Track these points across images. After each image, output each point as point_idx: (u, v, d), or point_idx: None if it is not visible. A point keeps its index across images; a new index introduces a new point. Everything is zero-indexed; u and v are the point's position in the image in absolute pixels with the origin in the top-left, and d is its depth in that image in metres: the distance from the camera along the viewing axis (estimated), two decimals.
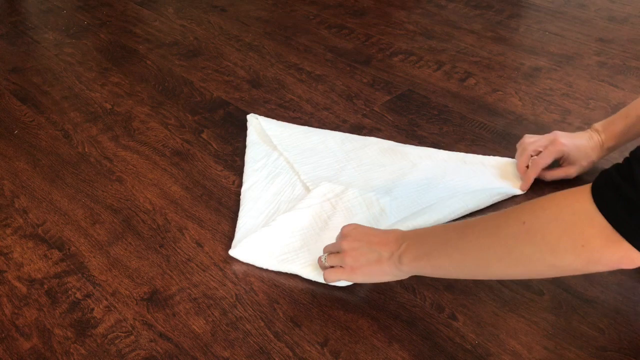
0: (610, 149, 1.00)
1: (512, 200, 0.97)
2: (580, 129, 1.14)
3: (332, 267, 0.80)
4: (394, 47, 1.46)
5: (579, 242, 0.57)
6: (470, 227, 0.70)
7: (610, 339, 0.76)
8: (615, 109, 1.20)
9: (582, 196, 0.58)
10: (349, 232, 0.80)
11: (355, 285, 0.83)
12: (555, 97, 1.25)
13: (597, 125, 1.00)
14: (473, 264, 0.69)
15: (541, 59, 1.39)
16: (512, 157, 1.06)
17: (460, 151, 1.08)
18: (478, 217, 0.70)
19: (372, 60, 1.40)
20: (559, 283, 0.83)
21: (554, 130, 1.02)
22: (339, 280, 0.80)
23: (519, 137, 1.12)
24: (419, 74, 1.34)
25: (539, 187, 0.99)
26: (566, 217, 0.59)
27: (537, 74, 1.33)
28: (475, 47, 1.45)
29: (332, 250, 0.82)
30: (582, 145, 0.99)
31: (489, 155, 1.07)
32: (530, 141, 1.01)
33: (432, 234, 0.75)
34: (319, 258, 0.82)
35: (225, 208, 0.97)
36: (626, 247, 0.55)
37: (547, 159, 0.98)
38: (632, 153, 0.57)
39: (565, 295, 0.82)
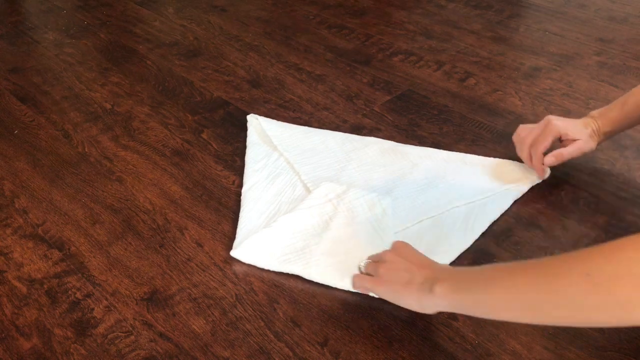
0: (607, 135, 0.99)
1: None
2: None
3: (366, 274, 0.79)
4: (394, 47, 1.46)
5: None
6: (522, 269, 0.64)
7: (610, 339, 0.76)
8: None
9: None
10: (397, 247, 0.78)
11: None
12: (555, 97, 1.25)
13: (594, 112, 1.00)
14: (522, 306, 0.63)
15: (541, 59, 1.39)
16: (512, 156, 1.06)
17: (460, 151, 1.08)
18: (531, 260, 0.64)
19: (372, 60, 1.40)
20: None
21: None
22: (364, 288, 0.79)
23: None
24: (419, 74, 1.34)
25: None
26: (637, 272, 0.54)
27: (537, 74, 1.33)
28: (475, 47, 1.45)
29: (374, 259, 0.80)
30: (577, 123, 0.99)
31: (489, 155, 1.07)
32: (525, 133, 1.01)
33: (477, 270, 0.69)
34: (360, 263, 0.81)
35: (225, 208, 0.97)
36: None
37: (545, 142, 0.97)
38: None
39: None
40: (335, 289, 0.82)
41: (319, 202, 0.93)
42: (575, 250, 0.59)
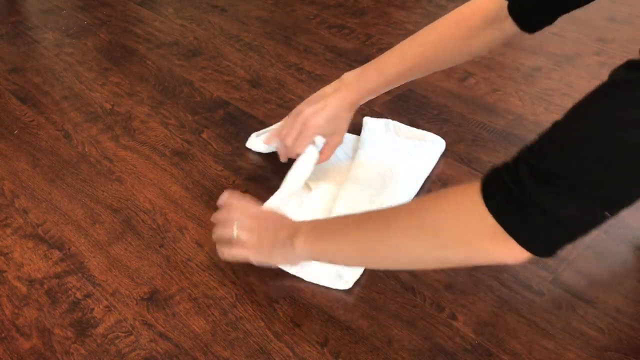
0: (359, 105, 1.00)
1: None
2: None
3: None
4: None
5: (467, 238, 0.61)
6: (367, 215, 0.72)
7: (610, 339, 0.76)
8: None
9: (473, 193, 0.60)
10: (241, 204, 0.84)
11: (355, 285, 0.83)
12: (555, 97, 1.25)
13: (349, 78, 0.99)
14: (369, 244, 0.70)
15: (541, 59, 1.39)
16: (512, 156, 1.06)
17: (460, 151, 1.08)
18: (378, 209, 0.72)
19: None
20: (559, 283, 0.83)
21: None
22: (234, 257, 0.81)
23: (519, 137, 1.12)
24: None
25: None
26: (457, 214, 0.62)
27: (537, 74, 1.33)
28: None
29: (221, 221, 0.83)
30: (336, 122, 0.98)
31: (489, 155, 1.07)
32: (287, 130, 0.98)
33: (330, 221, 0.78)
34: (225, 229, 0.82)
35: None
36: (511, 245, 0.57)
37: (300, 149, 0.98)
38: (519, 153, 0.59)
39: (565, 295, 0.82)
40: (335, 289, 0.83)
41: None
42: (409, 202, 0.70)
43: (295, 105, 1.01)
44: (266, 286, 0.84)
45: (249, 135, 1.13)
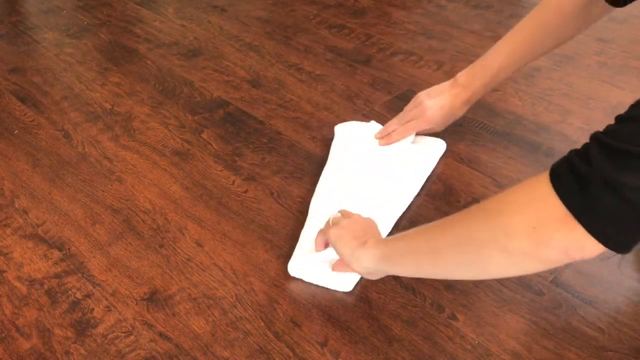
0: (473, 102, 1.08)
1: None
2: (580, 129, 1.15)
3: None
4: (394, 47, 1.46)
5: (532, 223, 0.56)
6: (439, 221, 0.70)
7: (610, 339, 0.76)
8: (615, 109, 1.20)
9: (541, 179, 0.57)
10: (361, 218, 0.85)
11: (355, 285, 0.83)
12: (555, 97, 1.25)
13: (462, 79, 1.06)
14: (437, 249, 0.68)
15: (541, 59, 1.38)
16: (512, 156, 1.06)
17: (460, 151, 1.08)
18: (445, 219, 0.69)
19: (372, 60, 1.40)
20: (559, 283, 0.83)
21: (553, 130, 1.02)
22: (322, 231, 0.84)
23: (519, 137, 1.12)
24: (419, 74, 1.34)
25: None
26: (522, 199, 0.58)
27: (537, 74, 1.33)
28: (475, 47, 1.45)
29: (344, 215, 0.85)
30: (447, 119, 1.08)
31: (489, 155, 1.07)
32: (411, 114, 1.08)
33: (402, 236, 0.75)
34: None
35: (225, 208, 0.97)
36: (579, 232, 0.53)
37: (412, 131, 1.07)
38: (591, 136, 0.56)
39: (565, 295, 0.82)
40: (335, 290, 0.83)
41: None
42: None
43: (295, 105, 1.01)
44: (266, 286, 0.84)
45: (249, 135, 1.13)
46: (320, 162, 1.06)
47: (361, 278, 0.83)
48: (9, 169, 1.06)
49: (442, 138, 1.11)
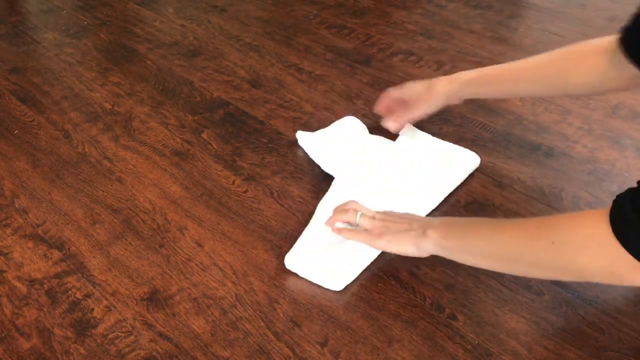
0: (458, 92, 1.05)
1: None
2: (580, 129, 1.15)
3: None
4: (394, 47, 1.46)
5: (608, 270, 0.64)
6: (501, 228, 0.75)
7: (610, 339, 0.76)
8: (615, 109, 1.20)
9: (603, 227, 0.62)
10: (383, 212, 0.87)
11: (355, 285, 0.83)
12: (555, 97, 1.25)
13: (465, 77, 1.04)
14: (502, 259, 0.75)
15: None
16: (512, 156, 1.06)
17: None
18: (510, 221, 0.77)
19: (372, 60, 1.40)
20: (559, 283, 0.83)
21: (553, 130, 1.02)
22: (358, 240, 0.85)
23: (519, 137, 1.12)
24: (419, 74, 1.34)
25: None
26: (594, 248, 0.64)
27: None
28: (475, 47, 1.45)
29: (368, 215, 0.86)
30: (430, 88, 1.07)
31: (490, 155, 1.07)
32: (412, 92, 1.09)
33: (466, 222, 0.81)
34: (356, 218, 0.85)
35: (225, 208, 0.97)
36: None
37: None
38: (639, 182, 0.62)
39: (565, 295, 0.82)
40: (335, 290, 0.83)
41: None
42: (546, 217, 0.72)
43: (295, 105, 1.01)
44: (266, 286, 0.84)
45: (249, 135, 1.13)
46: (315, 161, 1.06)
47: (354, 279, 0.83)
48: (9, 169, 1.06)
49: (442, 139, 1.11)
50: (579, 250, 0.66)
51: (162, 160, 1.08)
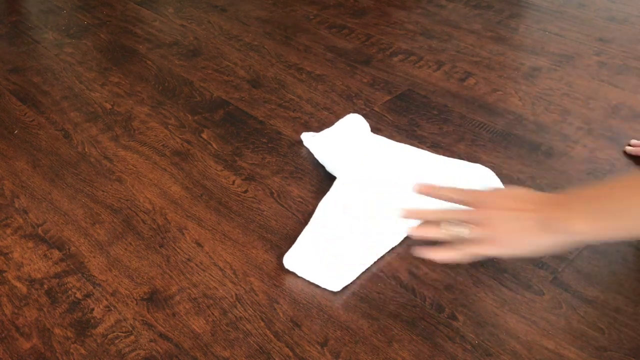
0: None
1: None
2: (580, 129, 1.15)
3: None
4: (394, 47, 1.46)
5: None
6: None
7: (610, 339, 0.76)
8: (615, 109, 1.20)
9: None
10: (487, 200, 0.70)
11: (355, 285, 0.83)
12: (555, 97, 1.25)
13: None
14: None
15: (541, 59, 1.39)
16: (512, 156, 1.06)
17: (460, 151, 1.08)
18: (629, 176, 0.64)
19: (372, 60, 1.40)
20: (559, 283, 0.83)
21: (553, 130, 1.02)
22: (473, 255, 0.71)
23: (518, 137, 1.12)
24: (419, 73, 1.34)
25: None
26: None
27: (537, 74, 1.33)
28: (475, 47, 1.45)
29: (463, 220, 0.71)
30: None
31: (489, 154, 1.07)
32: None
33: (606, 194, 0.64)
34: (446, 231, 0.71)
35: (225, 208, 0.97)
36: None
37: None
38: None
39: (565, 295, 0.82)
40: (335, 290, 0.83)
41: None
42: None
43: (295, 105, 1.01)
44: (266, 286, 0.84)
45: (249, 135, 1.13)
46: (320, 162, 1.06)
47: (352, 281, 0.83)
48: (9, 169, 1.06)
49: (442, 138, 1.11)
50: None
51: (162, 160, 1.08)
